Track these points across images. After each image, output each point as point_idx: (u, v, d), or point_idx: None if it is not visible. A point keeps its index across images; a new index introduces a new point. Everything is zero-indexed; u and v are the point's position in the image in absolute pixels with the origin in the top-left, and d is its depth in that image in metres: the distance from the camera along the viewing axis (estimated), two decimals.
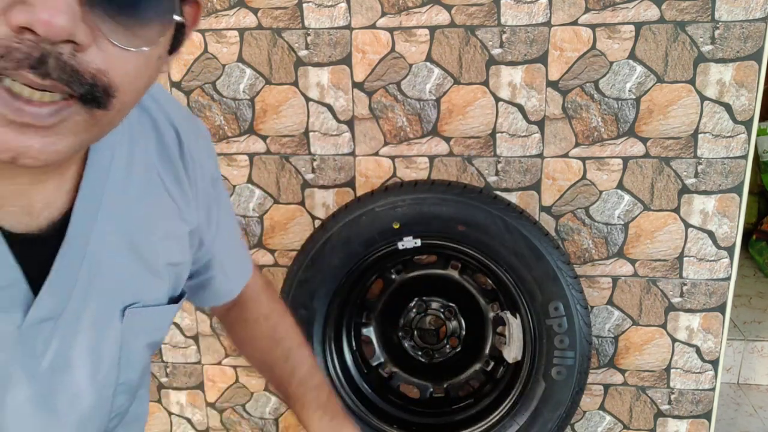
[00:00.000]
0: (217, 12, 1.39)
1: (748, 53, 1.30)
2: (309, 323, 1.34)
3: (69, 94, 0.38)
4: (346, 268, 1.33)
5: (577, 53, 1.33)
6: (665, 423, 1.54)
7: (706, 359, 1.48)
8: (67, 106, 0.39)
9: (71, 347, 0.52)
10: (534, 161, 1.41)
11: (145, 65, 0.42)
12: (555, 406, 1.31)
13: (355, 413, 1.38)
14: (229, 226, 0.72)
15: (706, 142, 1.36)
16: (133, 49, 0.40)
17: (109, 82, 0.40)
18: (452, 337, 1.51)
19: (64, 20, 0.35)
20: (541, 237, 1.29)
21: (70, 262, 0.50)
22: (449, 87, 1.38)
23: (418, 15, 1.34)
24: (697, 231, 1.41)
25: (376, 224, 1.30)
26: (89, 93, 0.39)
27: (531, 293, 1.29)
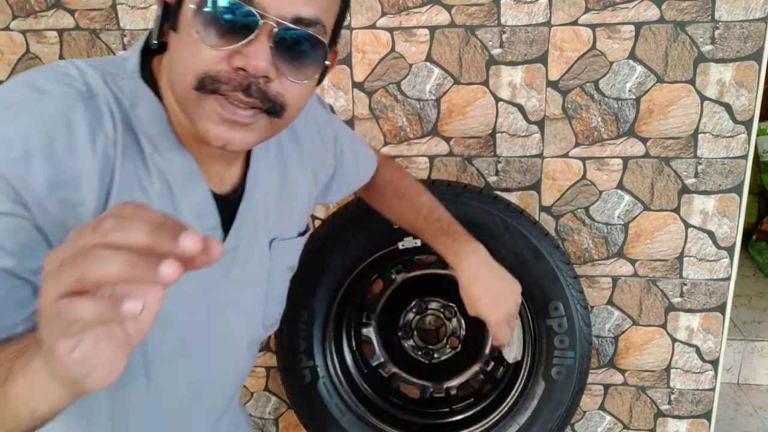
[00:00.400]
0: None
1: (748, 53, 1.30)
2: (309, 323, 1.34)
3: (260, 108, 0.63)
4: (346, 268, 1.33)
5: (577, 53, 1.33)
6: (665, 423, 1.54)
7: (706, 359, 1.48)
8: (258, 114, 0.63)
9: (244, 267, 0.78)
10: (534, 161, 1.41)
11: (305, 92, 0.67)
12: (555, 406, 1.31)
13: (355, 413, 1.38)
14: (350, 144, 0.99)
15: (706, 142, 1.36)
16: (299, 82, 0.64)
17: (283, 102, 0.64)
18: (452, 337, 1.51)
19: (264, 65, 0.60)
20: (541, 237, 1.29)
21: (244, 213, 0.76)
22: (449, 87, 1.38)
23: (418, 15, 1.34)
24: (697, 231, 1.41)
25: (376, 224, 1.30)
26: (272, 108, 0.63)
27: (531, 293, 1.29)
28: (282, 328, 1.35)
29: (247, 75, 0.60)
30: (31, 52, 1.44)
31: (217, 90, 0.61)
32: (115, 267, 0.36)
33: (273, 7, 0.59)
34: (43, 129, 0.59)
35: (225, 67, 0.60)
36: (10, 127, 0.59)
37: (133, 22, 1.40)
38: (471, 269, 1.00)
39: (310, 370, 1.36)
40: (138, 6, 1.39)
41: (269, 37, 0.60)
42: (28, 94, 0.61)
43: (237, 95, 0.61)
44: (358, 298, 1.45)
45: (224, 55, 0.60)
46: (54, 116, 0.60)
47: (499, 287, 1.02)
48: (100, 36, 1.41)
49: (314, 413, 1.37)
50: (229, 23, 0.59)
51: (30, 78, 0.63)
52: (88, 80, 0.64)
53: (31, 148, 0.58)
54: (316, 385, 1.36)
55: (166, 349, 0.73)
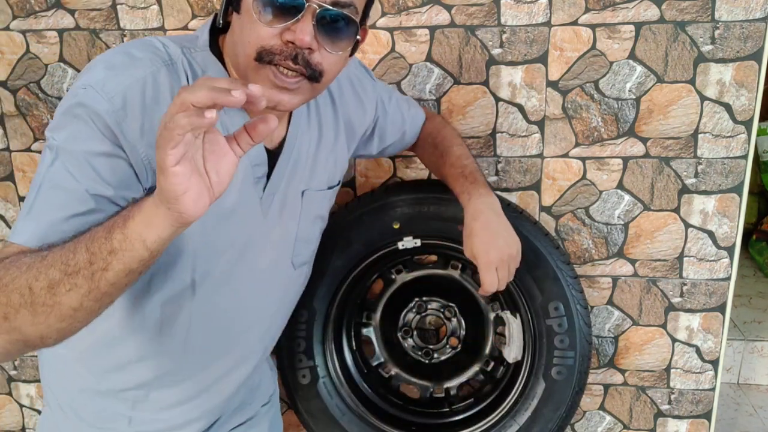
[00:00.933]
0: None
1: (748, 53, 1.30)
2: (309, 323, 1.34)
3: (303, 75, 0.79)
4: (346, 268, 1.33)
5: (577, 53, 1.33)
6: (665, 423, 1.54)
7: (706, 359, 1.48)
8: (302, 80, 0.80)
9: (281, 210, 0.96)
10: (534, 161, 1.41)
11: (339, 61, 0.84)
12: (555, 406, 1.31)
13: (355, 413, 1.38)
14: (397, 108, 1.17)
15: (706, 142, 1.36)
16: (335, 53, 0.81)
17: (322, 70, 0.81)
18: (452, 337, 1.51)
19: (309, 39, 0.76)
20: (542, 237, 1.29)
21: (284, 164, 0.93)
22: (449, 87, 1.39)
23: (418, 15, 1.34)
24: (697, 231, 1.41)
25: (376, 224, 1.30)
26: (313, 75, 0.80)
27: (531, 293, 1.29)
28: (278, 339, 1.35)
29: (295, 47, 0.77)
30: (31, 52, 1.44)
31: (272, 61, 0.78)
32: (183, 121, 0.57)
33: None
34: (137, 86, 0.77)
35: (277, 41, 0.77)
36: (112, 84, 0.75)
37: (133, 22, 1.40)
38: (477, 209, 1.07)
39: (310, 370, 1.36)
40: (138, 6, 1.39)
41: (312, 17, 0.77)
42: (125, 59, 0.79)
43: (287, 63, 0.78)
44: (358, 298, 1.45)
45: (277, 32, 0.77)
46: (145, 77, 0.78)
47: (499, 233, 1.07)
48: (100, 36, 1.41)
49: (314, 413, 1.37)
50: (281, 6, 0.76)
51: (126, 48, 0.81)
52: (169, 51, 0.82)
53: (128, 101, 0.76)
54: (316, 385, 1.36)
55: (210, 275, 0.90)
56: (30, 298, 0.66)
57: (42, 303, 0.66)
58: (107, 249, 0.64)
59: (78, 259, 0.65)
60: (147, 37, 0.84)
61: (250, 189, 0.89)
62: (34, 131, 1.50)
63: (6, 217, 1.57)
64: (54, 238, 0.70)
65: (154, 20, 1.39)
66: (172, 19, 1.39)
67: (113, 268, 0.65)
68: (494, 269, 1.05)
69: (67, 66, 1.44)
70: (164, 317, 0.91)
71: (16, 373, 1.70)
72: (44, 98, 1.47)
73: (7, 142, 1.51)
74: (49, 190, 0.74)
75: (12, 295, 0.66)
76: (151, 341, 0.92)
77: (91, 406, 0.98)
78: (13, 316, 0.67)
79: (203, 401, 1.02)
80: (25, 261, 0.68)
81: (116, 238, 0.64)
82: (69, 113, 0.75)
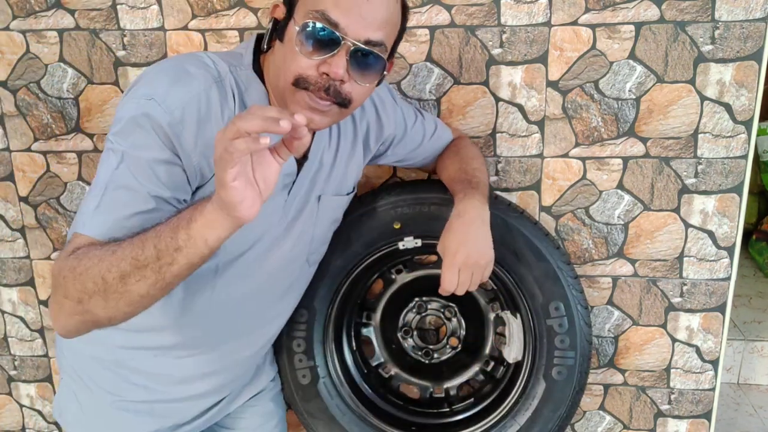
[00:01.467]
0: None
1: (748, 53, 1.30)
2: (310, 323, 1.34)
3: (333, 101, 0.91)
4: (347, 268, 1.33)
5: (577, 53, 1.34)
6: (665, 423, 1.54)
7: (706, 359, 1.48)
8: (332, 105, 0.91)
9: (301, 212, 1.07)
10: (534, 161, 1.41)
11: (366, 91, 0.95)
12: (555, 406, 1.31)
13: (355, 413, 1.38)
14: (420, 126, 1.25)
15: (706, 142, 1.36)
16: (364, 85, 0.92)
17: (351, 99, 0.92)
18: (452, 337, 1.51)
19: (342, 72, 0.87)
20: (542, 237, 1.29)
21: (305, 174, 1.04)
22: (449, 87, 1.39)
23: (418, 15, 1.34)
24: (697, 231, 1.41)
25: (376, 224, 1.30)
26: (342, 102, 0.91)
27: (531, 293, 1.29)
28: (282, 329, 1.35)
29: (329, 78, 0.88)
30: (31, 52, 1.44)
31: (307, 88, 0.89)
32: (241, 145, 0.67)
33: (351, 31, 0.87)
34: (194, 102, 0.88)
35: (314, 72, 0.88)
36: (173, 98, 0.86)
37: (133, 22, 1.40)
38: (465, 208, 1.09)
39: (310, 370, 1.36)
40: (138, 6, 1.39)
41: (347, 52, 0.87)
42: (183, 75, 0.89)
43: (320, 93, 0.89)
44: (358, 298, 1.45)
45: (315, 63, 0.88)
46: (199, 93, 0.89)
47: (477, 239, 1.08)
48: (100, 36, 1.41)
49: (314, 413, 1.37)
50: (321, 41, 0.87)
51: (181, 62, 0.91)
52: (219, 68, 0.92)
53: (186, 115, 0.87)
54: (317, 386, 1.36)
55: (233, 265, 1.02)
56: (103, 287, 0.78)
57: (114, 291, 0.78)
58: (173, 246, 0.76)
59: (147, 254, 0.76)
60: (197, 53, 0.95)
61: (277, 194, 1.01)
62: (34, 131, 1.50)
63: (6, 217, 1.57)
64: (119, 233, 0.83)
65: (154, 20, 1.39)
66: (172, 19, 1.39)
67: (178, 262, 0.76)
68: (457, 270, 1.05)
69: (67, 66, 1.44)
70: (187, 295, 1.02)
71: (16, 373, 1.70)
72: (44, 98, 1.47)
73: (7, 142, 1.51)
74: (115, 190, 0.85)
75: (87, 283, 0.78)
76: (172, 315, 1.03)
77: (109, 375, 1.08)
78: (87, 301, 0.79)
79: (215, 378, 1.14)
80: (96, 254, 0.79)
81: (181, 237, 0.76)
82: (133, 122, 0.86)
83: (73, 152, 1.50)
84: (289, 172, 1.01)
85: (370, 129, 1.16)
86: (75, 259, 0.81)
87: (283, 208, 1.04)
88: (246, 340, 1.15)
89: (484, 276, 1.08)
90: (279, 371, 1.39)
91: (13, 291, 1.63)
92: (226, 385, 1.18)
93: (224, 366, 1.14)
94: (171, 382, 1.10)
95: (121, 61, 1.43)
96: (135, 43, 1.41)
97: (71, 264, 0.81)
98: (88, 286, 0.78)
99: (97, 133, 1.48)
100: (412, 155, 1.27)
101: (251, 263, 1.04)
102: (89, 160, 1.50)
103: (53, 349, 1.66)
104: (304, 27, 0.87)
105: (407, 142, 1.24)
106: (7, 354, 1.68)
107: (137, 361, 1.08)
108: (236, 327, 1.11)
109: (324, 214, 1.12)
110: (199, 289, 1.02)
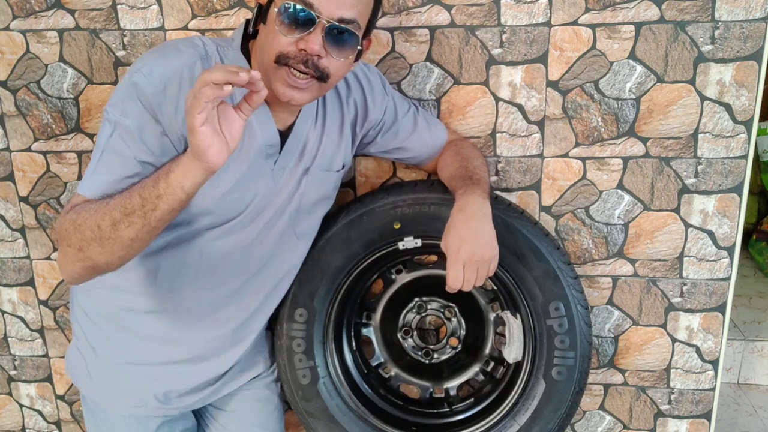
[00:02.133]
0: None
1: (748, 53, 1.30)
2: (310, 323, 1.34)
3: (312, 76, 0.98)
4: (346, 269, 1.33)
5: (577, 53, 1.34)
6: (665, 423, 1.54)
7: (706, 359, 1.48)
8: (311, 80, 0.99)
9: (288, 182, 1.15)
10: (534, 161, 1.41)
11: (343, 66, 1.02)
12: (555, 406, 1.31)
13: (355, 413, 1.38)
14: (410, 119, 1.29)
15: (706, 142, 1.36)
16: (340, 59, 1.00)
17: (329, 72, 1.00)
18: (452, 337, 1.51)
19: (317, 48, 0.96)
20: (542, 237, 1.29)
21: (292, 144, 1.12)
22: (449, 87, 1.39)
23: (418, 15, 1.34)
24: (697, 231, 1.41)
25: (376, 224, 1.30)
26: (320, 76, 0.99)
27: (532, 293, 1.29)
28: (282, 329, 1.35)
29: (306, 53, 0.96)
30: (31, 52, 1.44)
31: (287, 63, 0.97)
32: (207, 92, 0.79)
33: (325, 10, 0.95)
34: (176, 73, 0.97)
35: (293, 48, 0.97)
36: (156, 71, 0.96)
37: (133, 22, 1.40)
38: (466, 203, 1.11)
39: (310, 370, 1.36)
40: (138, 6, 1.39)
41: (322, 30, 0.96)
42: (171, 51, 1.00)
43: (299, 66, 0.97)
44: (358, 298, 1.45)
45: (293, 41, 0.96)
46: (182, 67, 0.98)
47: (480, 234, 1.09)
48: (100, 36, 1.41)
49: (314, 413, 1.37)
50: (297, 20, 0.95)
51: (174, 43, 1.03)
52: (207, 48, 1.03)
53: (167, 85, 0.96)
54: (317, 385, 1.36)
55: (221, 230, 1.11)
56: (98, 234, 0.91)
57: (108, 237, 0.91)
58: (155, 194, 0.89)
59: (133, 203, 0.90)
60: (193, 36, 1.06)
61: (261, 162, 1.10)
62: (34, 131, 1.50)
63: (6, 217, 1.57)
64: (111, 191, 0.95)
65: (154, 20, 1.39)
66: (172, 19, 1.39)
67: (160, 208, 0.89)
68: (462, 266, 1.07)
69: (67, 66, 1.44)
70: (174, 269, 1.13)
71: (16, 373, 1.70)
72: (44, 98, 1.47)
73: (7, 142, 1.51)
74: (109, 155, 0.97)
75: (85, 232, 0.92)
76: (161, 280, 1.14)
77: (111, 334, 1.19)
78: (86, 248, 0.93)
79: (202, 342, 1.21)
80: (92, 207, 0.93)
81: (161, 186, 0.88)
82: (124, 92, 0.96)
83: (73, 152, 1.50)
84: (272, 143, 1.09)
85: (358, 112, 1.23)
86: (74, 213, 0.94)
87: (272, 177, 1.12)
88: (234, 308, 1.21)
89: (490, 270, 1.10)
90: (279, 371, 1.39)
91: (13, 291, 1.63)
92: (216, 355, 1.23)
93: (213, 335, 1.21)
94: (162, 341, 1.18)
95: (121, 61, 1.43)
96: (135, 43, 1.41)
97: (71, 217, 0.94)
98: (86, 234, 0.92)
99: (97, 134, 1.48)
100: (405, 147, 1.30)
101: (240, 227, 1.13)
102: (89, 160, 1.50)
103: (53, 349, 1.66)
104: (282, 8, 0.95)
105: (398, 131, 1.28)
106: (7, 354, 1.68)
107: (133, 321, 1.17)
108: (222, 293, 1.18)
109: (310, 186, 1.18)
110: (186, 259, 1.12)
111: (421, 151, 1.31)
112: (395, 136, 1.28)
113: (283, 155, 1.12)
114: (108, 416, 1.23)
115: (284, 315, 1.34)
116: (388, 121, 1.27)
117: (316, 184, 1.19)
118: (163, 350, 1.19)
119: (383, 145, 1.30)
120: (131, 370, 1.19)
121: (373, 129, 1.26)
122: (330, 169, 1.21)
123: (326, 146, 1.18)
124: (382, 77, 1.27)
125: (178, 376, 1.21)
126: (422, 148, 1.31)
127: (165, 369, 1.20)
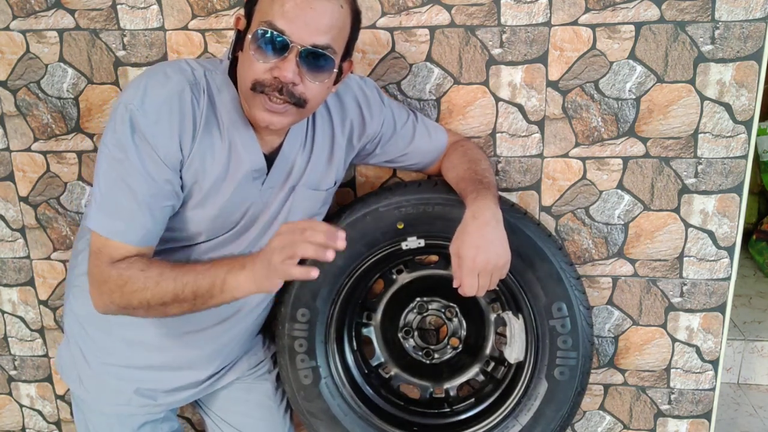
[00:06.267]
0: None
1: (748, 53, 1.30)
2: (312, 323, 1.34)
3: (289, 102, 0.99)
4: (349, 269, 1.32)
5: (577, 53, 1.34)
6: (665, 423, 1.54)
7: (706, 359, 1.48)
8: (288, 106, 1.00)
9: (274, 201, 1.16)
10: (534, 161, 1.41)
11: (322, 90, 1.03)
12: (557, 407, 1.31)
13: (357, 414, 1.38)
14: (408, 129, 1.28)
15: (706, 142, 1.36)
16: (316, 83, 1.00)
17: (306, 98, 1.00)
18: (453, 337, 1.50)
19: (291, 76, 0.96)
20: (545, 238, 1.29)
21: (280, 165, 1.13)
22: (449, 87, 1.39)
23: (418, 15, 1.34)
24: (697, 231, 1.41)
25: (379, 224, 1.30)
26: (297, 102, 1.00)
27: (534, 294, 1.29)
28: (284, 329, 1.35)
29: (280, 82, 0.97)
30: (31, 52, 1.44)
31: (263, 91, 0.98)
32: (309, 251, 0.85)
33: (297, 37, 0.95)
34: (166, 103, 0.99)
35: (268, 76, 0.97)
36: (147, 102, 0.98)
37: (133, 22, 1.40)
38: (480, 209, 1.11)
39: (312, 371, 1.36)
40: (138, 6, 1.39)
41: (296, 55, 0.96)
42: (160, 78, 1.01)
43: (275, 94, 0.98)
44: (359, 298, 1.45)
45: (268, 68, 0.97)
46: (172, 94, 1.00)
47: (493, 241, 1.09)
48: (100, 36, 1.41)
49: (316, 414, 1.37)
50: (271, 46, 0.96)
51: (162, 68, 1.03)
52: (195, 74, 1.04)
53: (160, 116, 0.99)
54: (319, 386, 1.36)
55: (210, 245, 1.15)
56: (146, 307, 1.00)
57: (155, 310, 1.01)
58: (208, 295, 0.98)
59: (186, 295, 0.98)
60: (180, 60, 1.08)
61: (249, 184, 1.11)
62: (34, 131, 1.50)
63: (6, 217, 1.57)
64: (141, 233, 1.02)
65: (154, 20, 1.39)
66: (172, 19, 1.39)
67: (209, 304, 0.99)
68: (476, 274, 1.08)
69: (67, 66, 1.44)
70: None
71: (16, 373, 1.70)
72: (44, 98, 1.47)
73: (7, 142, 1.51)
74: (119, 193, 1.00)
75: (133, 301, 1.00)
76: None
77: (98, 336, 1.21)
78: (130, 311, 1.03)
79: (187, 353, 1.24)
80: (141, 279, 0.99)
81: (216, 292, 0.97)
82: (118, 127, 0.99)
83: (73, 152, 1.50)
84: (258, 168, 1.10)
85: (354, 128, 1.22)
86: (119, 277, 1.00)
87: (260, 195, 1.14)
88: (220, 327, 1.23)
89: (502, 275, 1.11)
90: (280, 371, 1.39)
91: (13, 291, 1.63)
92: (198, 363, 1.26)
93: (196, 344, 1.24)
94: (143, 347, 1.21)
95: (121, 61, 1.43)
96: (135, 43, 1.41)
97: (116, 282, 1.00)
98: (134, 303, 1.00)
99: (97, 133, 1.48)
100: (405, 155, 1.30)
101: (231, 239, 1.16)
102: (89, 160, 1.50)
103: (53, 349, 1.66)
104: (255, 35, 0.96)
105: (397, 141, 1.28)
106: (7, 354, 1.68)
107: (115, 326, 1.18)
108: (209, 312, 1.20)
109: (297, 205, 1.19)
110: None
111: (422, 158, 1.31)
112: (395, 146, 1.28)
113: (270, 177, 1.13)
114: (93, 413, 1.27)
115: (286, 315, 1.34)
116: (387, 133, 1.26)
117: (304, 202, 1.20)
118: (143, 355, 1.21)
119: (383, 155, 1.30)
120: (113, 371, 1.22)
121: (371, 142, 1.26)
122: (318, 188, 1.21)
123: (314, 168, 1.18)
124: (378, 89, 1.26)
125: (161, 379, 1.24)
126: (423, 156, 1.31)
127: (146, 373, 1.23)
